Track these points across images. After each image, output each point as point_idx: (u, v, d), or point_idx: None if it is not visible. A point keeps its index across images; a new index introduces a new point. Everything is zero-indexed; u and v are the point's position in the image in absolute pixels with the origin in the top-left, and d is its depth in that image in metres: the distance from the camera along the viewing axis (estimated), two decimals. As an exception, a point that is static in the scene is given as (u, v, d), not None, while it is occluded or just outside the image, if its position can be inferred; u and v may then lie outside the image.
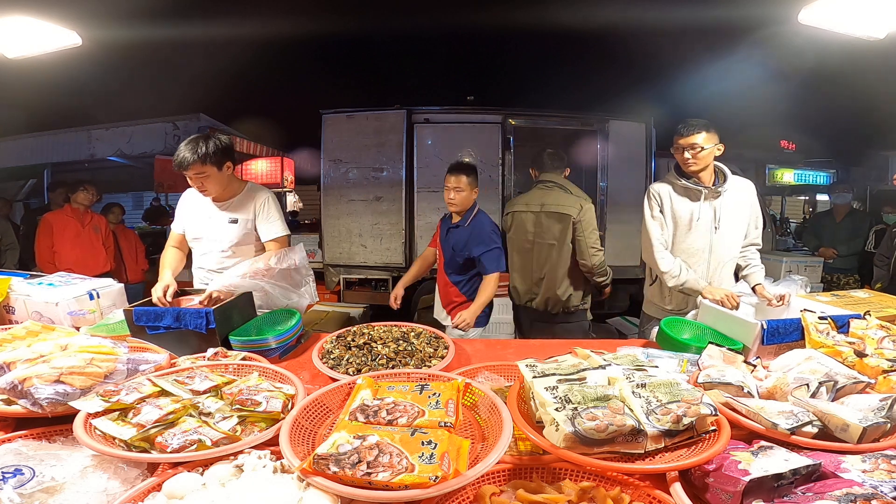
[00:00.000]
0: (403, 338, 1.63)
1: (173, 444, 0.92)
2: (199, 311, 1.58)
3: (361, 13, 4.09)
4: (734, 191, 2.05)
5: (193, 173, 1.90)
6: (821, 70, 4.12)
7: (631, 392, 0.98)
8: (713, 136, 1.95)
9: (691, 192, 2.05)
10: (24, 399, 1.06)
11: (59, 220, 3.90)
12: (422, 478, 0.77)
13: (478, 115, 4.36)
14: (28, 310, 1.82)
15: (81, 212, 3.95)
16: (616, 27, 3.85)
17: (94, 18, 2.61)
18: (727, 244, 2.06)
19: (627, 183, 4.40)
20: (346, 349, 1.56)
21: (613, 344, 1.70)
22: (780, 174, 8.24)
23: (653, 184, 2.18)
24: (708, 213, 2.03)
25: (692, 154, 1.95)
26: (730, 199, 2.04)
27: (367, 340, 1.60)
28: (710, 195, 2.02)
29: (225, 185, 2.02)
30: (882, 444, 0.93)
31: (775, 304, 1.85)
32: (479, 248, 2.32)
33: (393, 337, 1.63)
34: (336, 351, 1.55)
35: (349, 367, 1.44)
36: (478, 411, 1.10)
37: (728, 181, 2.03)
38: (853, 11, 2.22)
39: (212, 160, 1.89)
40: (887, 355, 1.29)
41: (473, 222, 2.39)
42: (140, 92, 5.14)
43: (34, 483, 0.84)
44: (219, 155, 1.91)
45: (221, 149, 1.93)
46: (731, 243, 2.07)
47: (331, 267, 4.49)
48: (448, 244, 2.46)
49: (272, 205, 2.09)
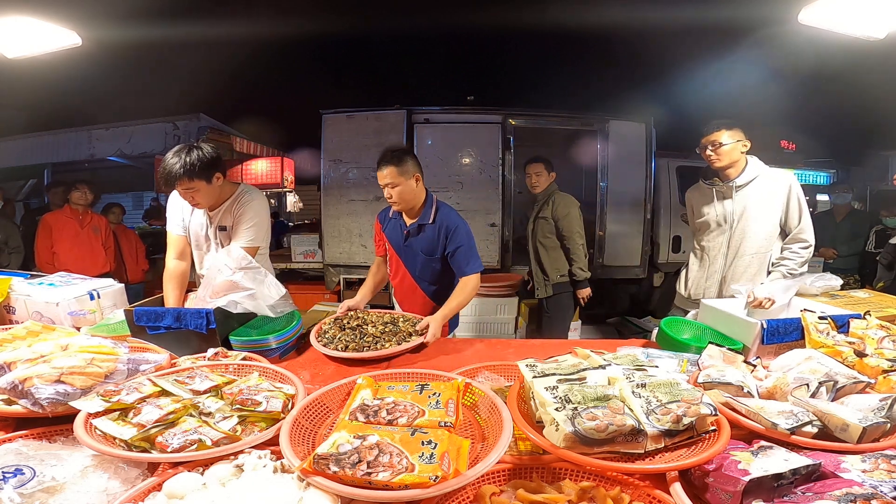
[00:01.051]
0: (392, 321, 1.83)
1: (174, 444, 0.92)
2: (200, 311, 1.58)
3: (361, 13, 4.09)
4: (762, 184, 2.04)
5: (182, 188, 1.83)
6: (821, 70, 4.11)
7: (631, 392, 0.98)
8: (736, 132, 2.01)
9: (707, 191, 2.16)
10: (25, 399, 1.06)
11: (58, 221, 3.90)
12: (422, 477, 0.77)
13: (478, 115, 4.35)
14: (28, 310, 1.82)
15: (80, 212, 3.95)
16: (616, 27, 3.84)
17: (94, 18, 2.61)
18: (748, 239, 2.06)
19: (627, 183, 4.40)
20: (339, 329, 1.76)
21: (613, 344, 1.70)
22: (780, 174, 8.23)
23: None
24: (722, 211, 2.10)
25: (713, 150, 2.03)
26: (754, 193, 2.04)
27: (360, 323, 1.80)
28: (726, 192, 2.08)
29: (216, 195, 1.95)
30: (882, 444, 0.93)
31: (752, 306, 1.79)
32: (457, 247, 1.97)
33: (382, 321, 1.83)
34: (331, 331, 1.75)
35: (339, 345, 1.63)
36: (478, 411, 1.11)
37: (747, 175, 2.05)
38: (853, 11, 2.22)
39: (199, 175, 1.81)
40: (887, 355, 1.29)
41: (440, 218, 2.00)
42: (140, 92, 5.13)
43: (35, 483, 0.84)
44: (206, 169, 1.83)
45: (208, 162, 1.83)
46: (754, 238, 2.05)
47: (331, 267, 4.49)
48: (412, 250, 2.07)
49: (249, 212, 1.98)
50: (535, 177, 3.05)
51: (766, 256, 2.08)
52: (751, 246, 2.07)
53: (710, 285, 2.16)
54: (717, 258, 2.15)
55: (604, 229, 4.43)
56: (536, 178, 3.05)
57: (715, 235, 2.14)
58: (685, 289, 2.28)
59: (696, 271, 2.23)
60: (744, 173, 2.05)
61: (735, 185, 2.06)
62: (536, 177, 3.04)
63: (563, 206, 2.99)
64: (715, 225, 2.13)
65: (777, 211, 2.04)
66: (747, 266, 2.08)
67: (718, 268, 2.14)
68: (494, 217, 4.29)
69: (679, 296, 2.34)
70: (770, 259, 2.08)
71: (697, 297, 2.14)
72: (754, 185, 2.05)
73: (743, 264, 2.08)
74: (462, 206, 4.11)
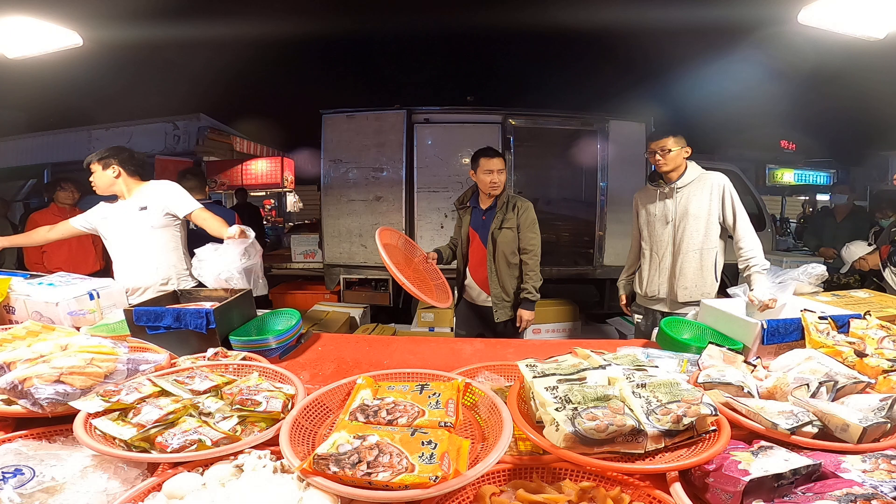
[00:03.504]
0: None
1: (173, 444, 0.92)
2: (200, 311, 1.58)
3: (361, 13, 4.09)
4: (696, 186, 2.19)
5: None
6: (821, 70, 4.12)
7: (631, 392, 0.98)
8: (680, 139, 2.18)
9: (652, 193, 2.32)
10: (25, 399, 1.06)
11: (46, 220, 3.78)
12: (422, 478, 0.77)
13: (478, 115, 4.36)
14: (28, 310, 1.82)
15: (68, 210, 3.85)
16: (616, 27, 3.84)
17: (95, 18, 2.61)
18: (687, 237, 2.20)
19: (627, 183, 4.39)
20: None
21: (613, 344, 1.70)
22: (780, 174, 8.25)
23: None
24: (664, 210, 2.26)
25: (662, 156, 2.19)
26: (689, 194, 2.19)
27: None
28: (668, 193, 2.24)
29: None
30: (882, 444, 0.93)
31: (760, 309, 1.87)
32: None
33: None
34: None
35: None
36: (478, 411, 1.10)
37: (687, 178, 2.19)
38: (853, 11, 2.22)
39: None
40: (887, 355, 1.29)
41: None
42: (140, 92, 5.13)
43: (34, 483, 0.84)
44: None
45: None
46: (692, 236, 2.19)
47: (331, 267, 4.49)
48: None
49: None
50: (498, 175, 2.35)
51: (711, 252, 2.20)
52: (694, 242, 2.19)
53: (662, 281, 2.31)
54: (665, 255, 2.29)
55: (604, 229, 4.44)
56: (498, 175, 2.35)
57: (660, 233, 2.29)
58: (641, 288, 2.44)
59: (648, 270, 2.38)
60: (683, 176, 2.21)
61: (676, 187, 2.22)
62: (498, 174, 2.35)
63: (527, 212, 2.42)
64: (661, 224, 2.29)
65: (714, 208, 2.17)
66: (692, 261, 2.20)
67: (668, 265, 2.28)
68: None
69: (637, 294, 2.50)
70: (716, 255, 2.21)
71: (653, 294, 2.34)
72: (692, 186, 2.20)
73: (689, 260, 2.21)
74: (462, 206, 4.10)
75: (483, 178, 2.37)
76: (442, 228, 4.32)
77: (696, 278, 2.20)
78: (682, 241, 2.22)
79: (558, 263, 4.50)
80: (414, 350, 1.78)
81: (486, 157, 2.36)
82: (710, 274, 2.20)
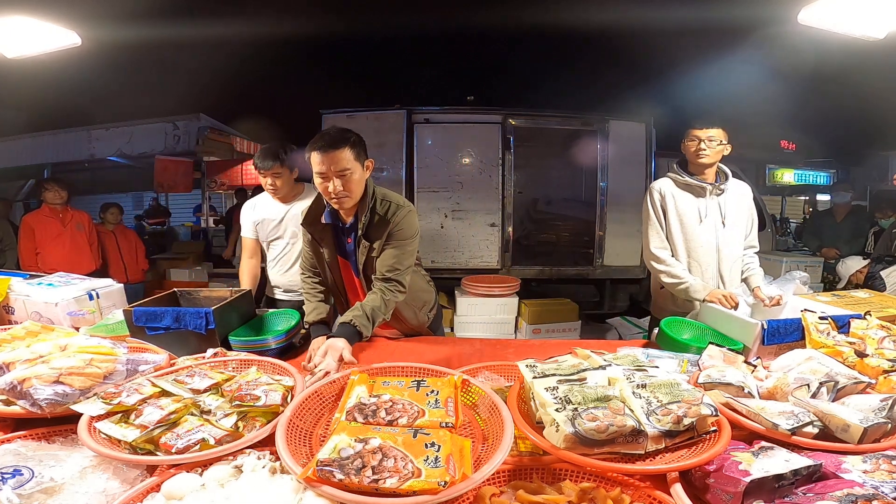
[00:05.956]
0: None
1: (178, 445, 0.92)
2: (199, 311, 1.58)
3: (361, 13, 4.09)
4: (734, 191, 2.06)
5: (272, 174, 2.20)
6: (821, 70, 4.12)
7: (631, 392, 0.98)
8: (726, 134, 1.96)
9: (695, 189, 2.02)
10: (24, 400, 1.06)
11: (40, 221, 3.78)
12: (430, 483, 0.76)
13: (478, 115, 4.36)
14: (27, 310, 1.81)
15: (60, 210, 3.82)
16: (616, 27, 3.83)
17: (94, 18, 2.61)
18: (733, 242, 2.04)
19: (627, 183, 4.40)
20: None
21: (613, 344, 1.69)
22: (780, 174, 8.25)
23: (654, 182, 2.13)
24: (714, 210, 2.02)
25: (708, 145, 1.92)
26: (731, 198, 2.05)
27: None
28: (714, 191, 2.02)
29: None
30: (883, 445, 0.93)
31: (768, 305, 1.87)
32: None
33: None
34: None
35: None
36: (477, 411, 1.10)
37: (729, 181, 2.05)
38: (853, 11, 2.22)
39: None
40: (888, 355, 1.29)
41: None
42: (140, 92, 5.13)
43: (33, 484, 0.83)
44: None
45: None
46: (737, 242, 2.06)
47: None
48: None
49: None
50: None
51: (740, 259, 2.09)
52: (736, 248, 2.05)
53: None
54: (708, 260, 2.01)
55: (604, 229, 4.44)
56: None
57: (698, 234, 2.01)
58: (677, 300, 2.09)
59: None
60: (728, 177, 2.03)
61: (725, 187, 2.02)
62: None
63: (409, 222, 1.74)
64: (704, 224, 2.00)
65: (746, 217, 2.07)
66: (733, 266, 2.05)
67: (713, 271, 2.03)
68: (494, 217, 4.30)
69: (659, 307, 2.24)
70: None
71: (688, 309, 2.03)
72: (735, 189, 2.05)
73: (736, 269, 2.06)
74: (462, 206, 4.11)
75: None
76: (442, 228, 4.32)
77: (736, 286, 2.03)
78: (730, 246, 2.03)
79: (558, 263, 4.50)
80: (414, 350, 1.78)
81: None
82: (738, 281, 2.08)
